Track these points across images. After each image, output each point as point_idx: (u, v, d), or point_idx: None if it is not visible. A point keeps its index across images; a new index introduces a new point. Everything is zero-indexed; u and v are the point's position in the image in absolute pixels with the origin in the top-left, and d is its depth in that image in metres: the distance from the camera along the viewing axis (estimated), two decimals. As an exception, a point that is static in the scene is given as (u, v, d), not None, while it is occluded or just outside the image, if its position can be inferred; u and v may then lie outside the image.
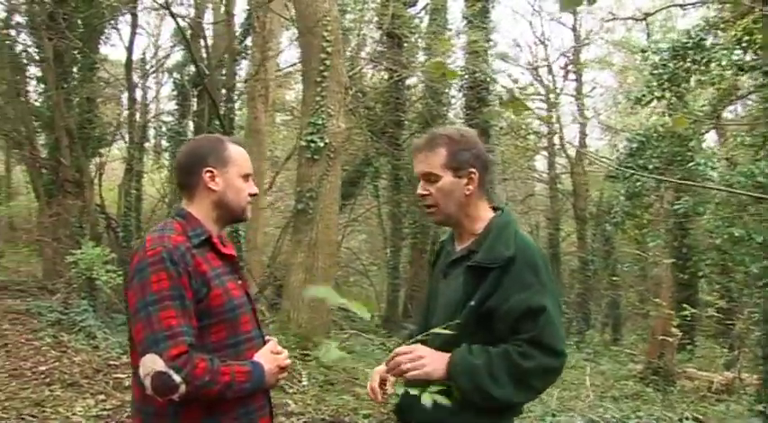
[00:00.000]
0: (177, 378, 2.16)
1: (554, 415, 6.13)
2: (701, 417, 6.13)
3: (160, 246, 2.28)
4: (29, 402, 6.30)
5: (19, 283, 14.26)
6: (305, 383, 7.62)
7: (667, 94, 10.93)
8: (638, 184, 12.51)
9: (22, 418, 5.86)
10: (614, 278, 20.71)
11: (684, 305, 11.25)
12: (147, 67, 21.13)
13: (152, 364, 2.17)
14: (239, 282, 2.51)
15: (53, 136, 15.03)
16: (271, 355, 2.47)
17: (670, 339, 11.20)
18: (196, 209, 2.48)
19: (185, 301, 2.24)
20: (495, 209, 2.61)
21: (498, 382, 2.30)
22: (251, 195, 2.56)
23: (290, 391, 7.35)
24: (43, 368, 7.66)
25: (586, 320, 21.80)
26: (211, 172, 2.46)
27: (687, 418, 5.88)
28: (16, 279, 15.00)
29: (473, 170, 2.48)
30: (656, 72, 10.97)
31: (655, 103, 11.43)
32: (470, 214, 2.54)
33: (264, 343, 2.53)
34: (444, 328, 2.32)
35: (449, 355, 2.37)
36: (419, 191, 2.57)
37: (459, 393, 2.31)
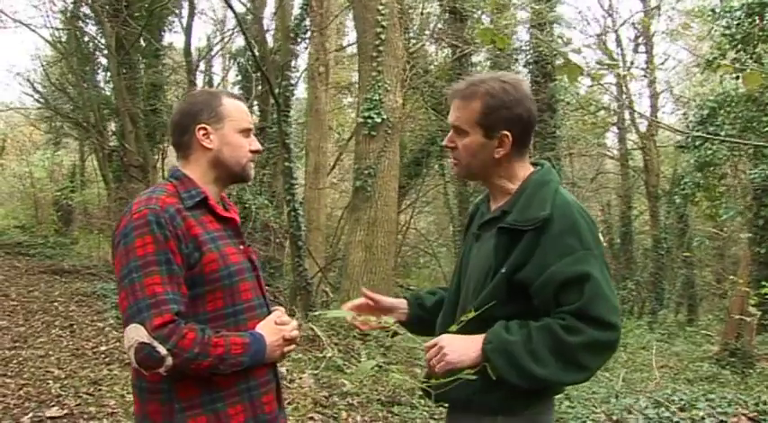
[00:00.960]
0: (162, 350, 1.96)
1: (617, 396, 5.84)
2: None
3: (146, 208, 2.09)
4: (87, 381, 6.36)
5: (90, 267, 14.55)
6: (363, 362, 7.47)
7: (742, 56, 10.17)
8: (710, 152, 11.77)
9: (79, 396, 5.89)
10: (688, 255, 19.98)
11: (764, 283, 10.68)
12: (212, 52, 21.30)
13: (135, 334, 1.98)
14: (240, 247, 2.30)
15: (120, 123, 15.32)
16: (274, 326, 2.23)
17: (748, 319, 10.67)
18: (192, 169, 2.28)
19: (173, 267, 2.04)
20: (535, 165, 2.31)
21: (540, 359, 2.01)
22: (252, 152, 2.34)
23: (348, 371, 7.21)
24: (104, 348, 7.76)
25: (660, 300, 21.15)
26: (205, 129, 2.26)
27: (765, 402, 5.47)
28: (87, 263, 15.30)
29: (507, 133, 2.17)
30: (727, 32, 10.25)
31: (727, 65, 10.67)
32: (502, 174, 2.25)
33: (270, 313, 2.31)
34: (468, 315, 2.09)
35: (481, 336, 2.10)
36: (444, 141, 2.31)
37: (495, 374, 2.04)
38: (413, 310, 2.54)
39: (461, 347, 2.09)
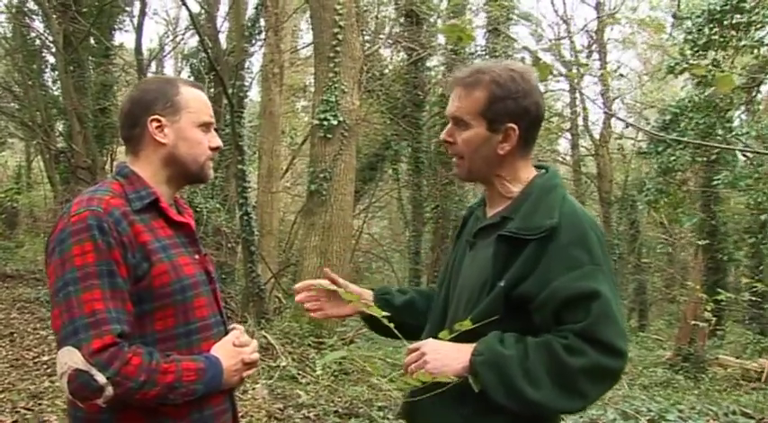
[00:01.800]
0: (101, 378, 1.68)
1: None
2: (749, 411, 5.62)
3: (87, 209, 1.79)
4: (26, 394, 6.03)
5: (34, 271, 14.09)
6: (318, 373, 7.26)
7: (703, 63, 10.19)
8: (673, 158, 11.77)
9: (17, 411, 5.55)
10: (644, 261, 20.19)
11: (719, 290, 10.77)
12: (164, 52, 20.92)
13: (69, 359, 1.70)
14: (196, 257, 2.01)
15: (68, 123, 14.90)
16: (232, 349, 1.96)
17: (702, 325, 10.73)
18: (142, 167, 1.98)
19: (116, 280, 1.76)
20: (538, 168, 2.09)
21: (534, 380, 1.79)
22: (212, 149, 2.06)
23: (303, 381, 6.99)
24: (46, 358, 7.39)
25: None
26: (159, 121, 1.96)
27: (734, 413, 5.40)
28: (32, 268, 14.83)
29: (513, 126, 1.94)
30: (690, 37, 10.26)
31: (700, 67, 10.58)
32: (504, 175, 2.02)
33: (227, 332, 2.04)
34: (462, 324, 1.85)
35: (470, 346, 1.86)
36: (442, 135, 2.07)
37: (479, 387, 1.82)
38: (376, 305, 2.25)
39: (446, 357, 1.87)
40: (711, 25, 10.10)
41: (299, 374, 7.12)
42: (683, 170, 13.24)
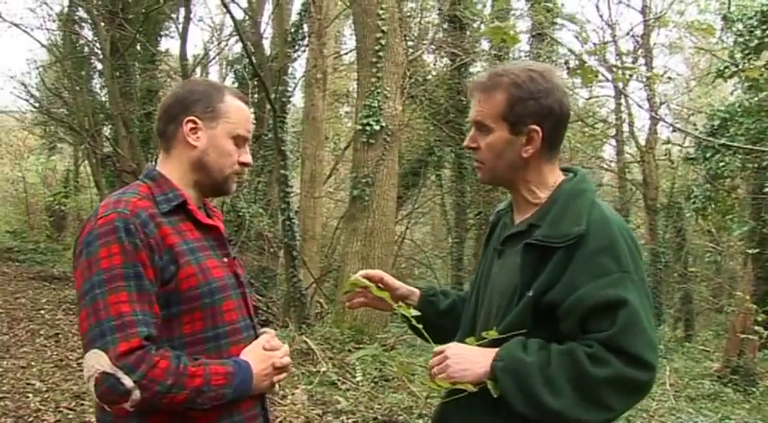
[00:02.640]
0: (128, 381, 1.65)
1: (629, 420, 5.54)
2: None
3: (114, 212, 1.78)
4: (69, 394, 6.09)
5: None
6: (358, 379, 7.21)
7: (756, 64, 9.86)
8: (722, 164, 11.44)
9: (60, 411, 5.62)
10: (692, 270, 19.77)
11: (769, 300, 10.47)
12: (208, 58, 21.12)
13: (96, 362, 1.67)
14: (225, 260, 1.98)
15: (114, 128, 15.16)
16: (263, 353, 1.90)
17: (752, 337, 10.42)
18: (172, 167, 1.97)
19: (143, 282, 1.73)
20: (566, 172, 2.03)
21: (555, 389, 1.73)
22: (241, 164, 2.01)
23: (343, 387, 6.94)
24: (89, 360, 7.45)
25: (658, 316, 20.89)
26: (195, 123, 1.94)
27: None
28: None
29: (535, 128, 1.88)
30: (740, 40, 9.99)
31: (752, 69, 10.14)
32: (530, 179, 1.96)
33: (257, 337, 2.00)
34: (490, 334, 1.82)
35: (493, 351, 1.82)
36: (466, 141, 2.02)
37: (498, 393, 1.77)
38: (421, 305, 2.22)
39: (467, 361, 1.83)
40: (765, 27, 9.80)
41: (338, 380, 7.07)
42: (732, 176, 12.91)
